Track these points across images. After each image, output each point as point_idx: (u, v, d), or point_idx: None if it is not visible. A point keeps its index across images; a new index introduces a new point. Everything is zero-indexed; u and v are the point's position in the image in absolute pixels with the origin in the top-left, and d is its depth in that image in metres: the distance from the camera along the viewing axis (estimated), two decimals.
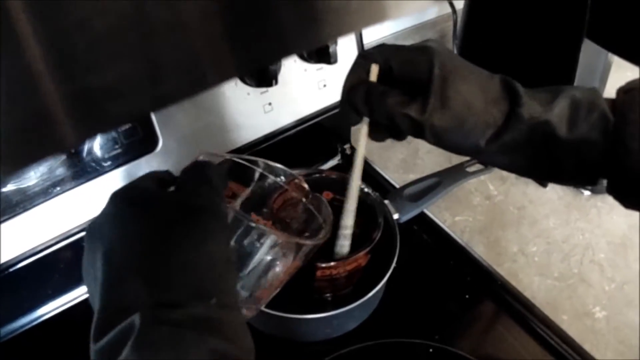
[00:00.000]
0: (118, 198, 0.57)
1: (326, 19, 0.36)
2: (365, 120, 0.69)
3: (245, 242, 0.64)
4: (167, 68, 0.31)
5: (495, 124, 0.63)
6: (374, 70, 0.67)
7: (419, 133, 0.65)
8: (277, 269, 0.67)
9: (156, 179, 0.61)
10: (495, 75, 0.66)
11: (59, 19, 0.27)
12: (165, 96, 0.32)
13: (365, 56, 0.68)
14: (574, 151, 0.63)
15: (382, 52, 0.67)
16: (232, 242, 0.63)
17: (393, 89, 0.65)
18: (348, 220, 0.79)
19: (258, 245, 0.65)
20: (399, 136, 0.71)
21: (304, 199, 0.77)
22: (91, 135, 0.29)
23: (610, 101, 0.64)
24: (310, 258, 0.71)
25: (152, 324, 0.49)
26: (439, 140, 0.65)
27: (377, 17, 0.38)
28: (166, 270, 0.52)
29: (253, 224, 0.63)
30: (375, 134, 0.71)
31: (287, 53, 0.37)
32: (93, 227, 0.57)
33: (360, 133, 0.70)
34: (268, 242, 0.65)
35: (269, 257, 0.66)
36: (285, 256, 0.68)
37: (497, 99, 0.64)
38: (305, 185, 0.78)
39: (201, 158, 0.66)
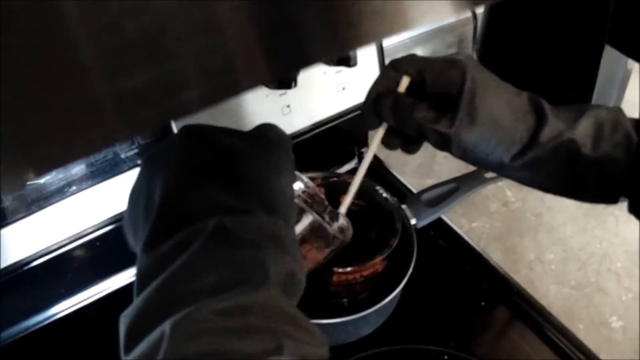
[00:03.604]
0: (190, 128, 0.57)
1: (348, 28, 0.35)
2: (384, 125, 0.69)
3: None
4: (195, 73, 0.31)
5: (521, 140, 0.64)
6: (405, 82, 0.67)
7: (446, 146, 0.65)
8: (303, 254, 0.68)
9: None
10: (523, 92, 0.67)
11: (91, 18, 0.26)
12: (192, 102, 0.31)
13: (396, 67, 0.68)
14: (596, 169, 0.64)
15: (415, 65, 0.67)
16: None
17: (421, 102, 0.65)
18: (347, 199, 0.77)
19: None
20: (411, 147, 0.71)
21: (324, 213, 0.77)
22: (121, 139, 0.29)
23: (634, 121, 0.65)
24: (329, 258, 0.71)
25: (230, 226, 0.49)
26: (465, 154, 0.66)
27: (400, 26, 0.37)
28: (241, 185, 0.53)
29: (296, 200, 0.63)
30: (389, 141, 0.71)
31: (309, 62, 0.37)
32: (154, 153, 0.57)
33: (376, 136, 0.70)
34: (304, 221, 0.65)
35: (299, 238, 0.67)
36: (312, 244, 0.68)
37: (524, 116, 0.64)
38: (325, 199, 0.77)
39: None
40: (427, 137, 0.65)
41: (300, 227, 0.66)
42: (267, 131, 0.60)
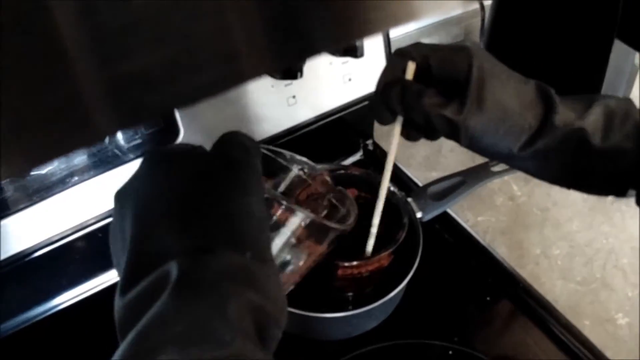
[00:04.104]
0: (151, 156, 0.56)
1: (355, 19, 0.35)
2: (399, 119, 0.68)
3: (272, 220, 0.63)
4: (199, 60, 0.30)
5: (529, 129, 0.63)
6: (411, 68, 0.66)
7: (454, 134, 0.64)
8: (302, 253, 0.66)
9: (192, 146, 0.59)
10: (530, 80, 0.66)
11: None
12: (197, 90, 0.31)
13: (402, 54, 0.67)
14: (606, 160, 0.63)
15: (420, 50, 0.66)
16: None
17: (429, 89, 0.64)
18: (376, 219, 0.78)
19: (285, 224, 0.64)
20: (432, 136, 0.70)
21: (327, 194, 0.76)
22: (123, 127, 0.28)
23: None
24: (332, 248, 0.70)
25: (191, 271, 0.48)
26: (473, 142, 0.65)
27: (406, 17, 0.37)
28: (204, 218, 0.51)
29: (284, 202, 0.62)
30: (409, 133, 0.70)
31: (314, 52, 0.36)
32: (123, 190, 0.56)
33: (393, 132, 0.69)
34: (296, 220, 0.64)
35: (294, 239, 0.66)
36: (310, 240, 0.67)
37: (533, 104, 0.63)
38: (329, 179, 0.76)
39: None
40: (435, 125, 0.64)
41: (292, 227, 0.64)
42: (232, 147, 0.57)
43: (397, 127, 0.69)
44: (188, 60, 0.30)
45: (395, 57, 0.67)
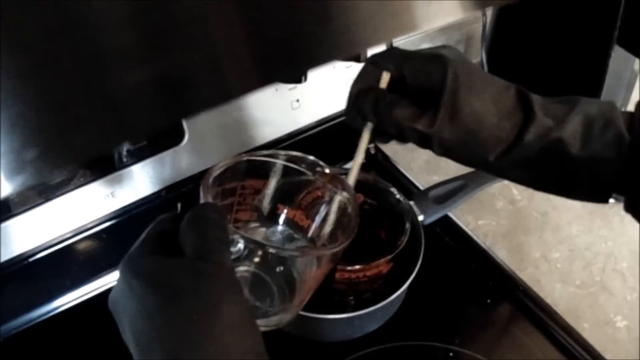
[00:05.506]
0: (126, 273, 0.54)
1: (357, 30, 0.35)
2: (369, 125, 0.68)
3: (271, 261, 0.64)
4: (197, 75, 0.31)
5: (506, 139, 0.62)
6: (385, 78, 0.65)
7: (427, 145, 0.64)
8: (308, 274, 0.67)
9: (161, 234, 0.58)
10: (511, 85, 0.64)
11: (86, 19, 0.26)
12: (194, 105, 0.31)
13: (375, 62, 0.66)
14: (587, 169, 0.61)
15: (394, 60, 0.66)
16: (258, 259, 0.63)
17: (402, 99, 0.63)
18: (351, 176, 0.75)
19: (285, 263, 0.65)
20: (404, 141, 0.68)
21: (328, 186, 0.75)
22: (118, 143, 0.29)
23: (628, 115, 0.62)
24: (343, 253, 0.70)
25: None
26: (447, 153, 0.64)
27: (407, 27, 0.37)
28: (188, 346, 0.51)
29: (273, 251, 0.62)
30: (380, 137, 0.69)
31: (317, 64, 0.37)
32: (113, 301, 0.55)
33: (362, 137, 0.69)
34: (296, 260, 0.65)
35: (299, 267, 0.66)
36: (315, 262, 0.67)
37: (511, 112, 0.62)
38: (328, 170, 0.76)
39: (215, 173, 0.66)
40: (408, 137, 0.64)
41: (293, 264, 0.65)
42: (195, 259, 0.54)
43: (366, 132, 0.68)
44: (190, 74, 0.30)
45: (369, 65, 0.67)
